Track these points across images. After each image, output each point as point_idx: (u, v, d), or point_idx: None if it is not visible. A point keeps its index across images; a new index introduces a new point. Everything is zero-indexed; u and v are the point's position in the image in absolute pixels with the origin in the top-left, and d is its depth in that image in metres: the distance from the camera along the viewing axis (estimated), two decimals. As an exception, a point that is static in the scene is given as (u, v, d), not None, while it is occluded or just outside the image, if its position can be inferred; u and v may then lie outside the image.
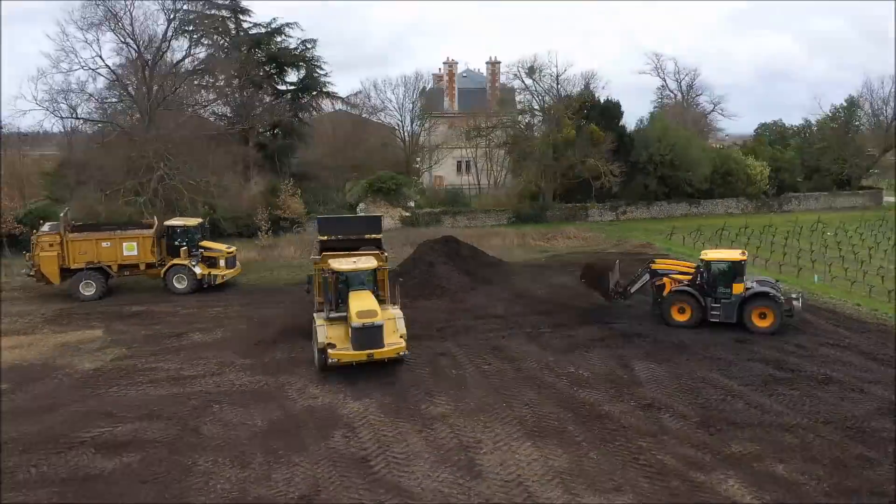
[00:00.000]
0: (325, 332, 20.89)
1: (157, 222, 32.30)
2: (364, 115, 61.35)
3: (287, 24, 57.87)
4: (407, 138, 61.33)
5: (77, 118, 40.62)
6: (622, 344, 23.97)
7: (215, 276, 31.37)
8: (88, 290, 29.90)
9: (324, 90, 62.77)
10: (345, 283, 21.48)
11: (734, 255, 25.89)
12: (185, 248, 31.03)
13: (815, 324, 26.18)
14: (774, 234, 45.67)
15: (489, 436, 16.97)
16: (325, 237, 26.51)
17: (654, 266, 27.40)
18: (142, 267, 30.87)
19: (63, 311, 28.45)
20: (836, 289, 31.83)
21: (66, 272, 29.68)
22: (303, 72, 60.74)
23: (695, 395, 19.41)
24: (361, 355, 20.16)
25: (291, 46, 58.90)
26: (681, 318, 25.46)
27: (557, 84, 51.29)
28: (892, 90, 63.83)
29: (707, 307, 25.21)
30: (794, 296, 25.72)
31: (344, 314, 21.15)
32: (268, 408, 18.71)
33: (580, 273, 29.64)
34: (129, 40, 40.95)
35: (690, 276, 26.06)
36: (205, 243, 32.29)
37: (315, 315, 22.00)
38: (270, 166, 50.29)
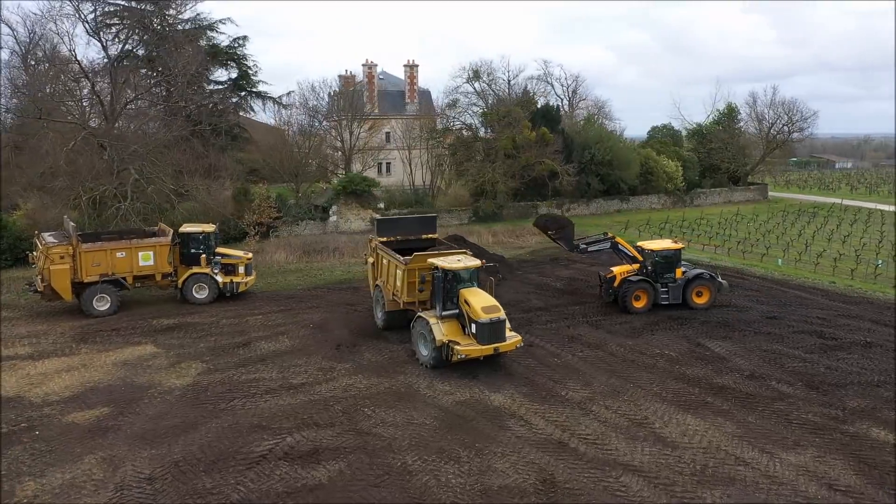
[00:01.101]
0: (440, 329, 21.16)
1: (161, 228, 30.14)
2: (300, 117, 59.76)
3: (220, 21, 55.28)
4: (344, 141, 60.61)
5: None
6: (676, 326, 26.23)
7: (237, 283, 29.87)
8: (103, 304, 27.33)
9: (254, 90, 60.73)
10: (452, 282, 21.77)
11: (672, 244, 28.94)
12: (203, 255, 29.24)
13: (814, 300, 30.14)
14: (710, 224, 50.87)
15: (649, 412, 18.31)
16: (385, 238, 26.53)
17: (616, 238, 29.57)
18: (158, 277, 28.69)
19: (85, 328, 25.84)
20: (802, 270, 36.50)
21: (76, 286, 26.94)
22: (234, 71, 58.36)
23: (779, 365, 21.97)
24: (489, 349, 20.70)
25: (224, 44, 56.34)
26: (638, 304, 27.77)
27: (509, 87, 53.37)
28: (772, 100, 72.70)
29: (658, 292, 28.10)
30: (719, 277, 29.12)
31: (454, 311, 21.51)
32: (417, 406, 18.73)
33: (543, 225, 30.70)
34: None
35: (637, 267, 28.50)
36: (221, 250, 30.58)
37: (422, 314, 22.08)
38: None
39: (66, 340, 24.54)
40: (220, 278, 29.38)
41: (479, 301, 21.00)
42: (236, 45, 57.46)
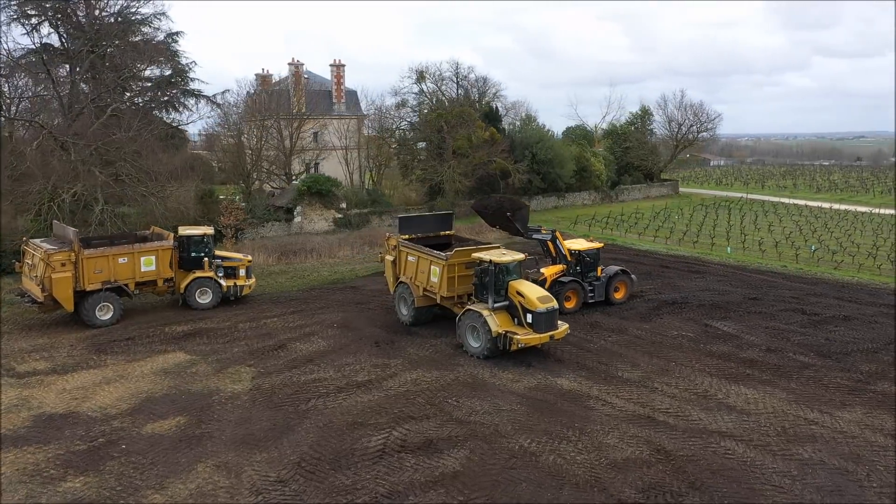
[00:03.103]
0: (494, 321, 21.94)
1: (156, 232, 28.70)
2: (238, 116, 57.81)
3: (155, 15, 52.28)
4: (287, 142, 59.37)
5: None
6: (676, 310, 28.45)
7: (241, 287, 29.00)
8: (105, 313, 25.69)
9: (187, 88, 57.90)
10: (500, 275, 22.55)
11: (593, 244, 29.78)
12: (207, 259, 28.18)
13: (778, 282, 33.59)
14: (646, 218, 54.57)
15: (704, 386, 20.07)
16: (407, 236, 26.89)
17: (556, 234, 29.65)
18: (160, 283, 27.32)
19: (94, 339, 24.18)
20: (750, 256, 40.31)
21: (78, 295, 25.20)
22: (168, 68, 55.34)
23: (785, 339, 24.58)
24: (545, 337, 21.75)
25: (158, 39, 53.34)
26: (569, 305, 27.77)
27: (458, 87, 54.45)
28: (681, 102, 78.59)
29: (586, 291, 28.59)
30: (629, 272, 30.60)
31: (505, 303, 22.36)
32: (494, 394, 19.41)
33: (498, 205, 29.33)
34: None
35: (563, 268, 28.74)
36: (221, 252, 29.50)
37: (471, 307, 22.72)
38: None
39: (82, 352, 22.97)
40: (223, 282, 28.41)
41: (534, 292, 22.00)
42: (170, 40, 54.66)
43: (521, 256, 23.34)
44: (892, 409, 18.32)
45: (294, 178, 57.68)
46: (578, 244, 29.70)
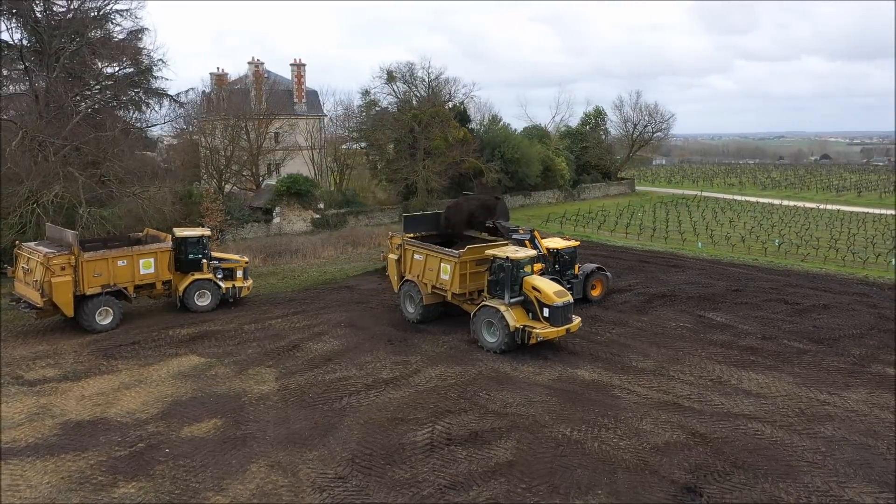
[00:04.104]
0: (512, 316, 22.47)
1: (152, 233, 28.03)
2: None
3: (118, 12, 50.52)
4: (252, 141, 58.43)
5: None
6: (668, 303, 29.63)
7: (240, 288, 28.61)
8: (105, 318, 24.94)
9: (149, 87, 56.18)
10: (516, 271, 23.07)
11: (570, 242, 30.00)
12: (205, 260, 27.68)
13: (754, 274, 35.32)
14: (613, 215, 56.20)
15: (717, 373, 21.11)
16: (412, 234, 27.13)
17: (535, 233, 29.79)
18: (159, 286, 26.69)
19: (97, 344, 23.36)
20: (721, 250, 42.14)
21: (77, 300, 24.40)
22: (129, 66, 53.56)
23: (775, 327, 26.00)
24: (562, 331, 22.40)
25: (120, 37, 51.59)
26: None
27: (430, 88, 54.72)
28: (636, 103, 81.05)
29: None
30: (605, 270, 30.98)
31: (520, 298, 22.91)
32: (521, 386, 19.91)
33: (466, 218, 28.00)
34: None
35: (541, 267, 28.08)
36: (217, 254, 29.00)
37: (487, 303, 23.16)
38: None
39: (89, 358, 22.27)
40: (222, 284, 27.99)
41: (550, 287, 22.63)
42: (131, 38, 52.95)
43: (533, 252, 23.93)
44: (891, 389, 19.73)
45: (261, 178, 56.91)
46: (556, 243, 30.07)
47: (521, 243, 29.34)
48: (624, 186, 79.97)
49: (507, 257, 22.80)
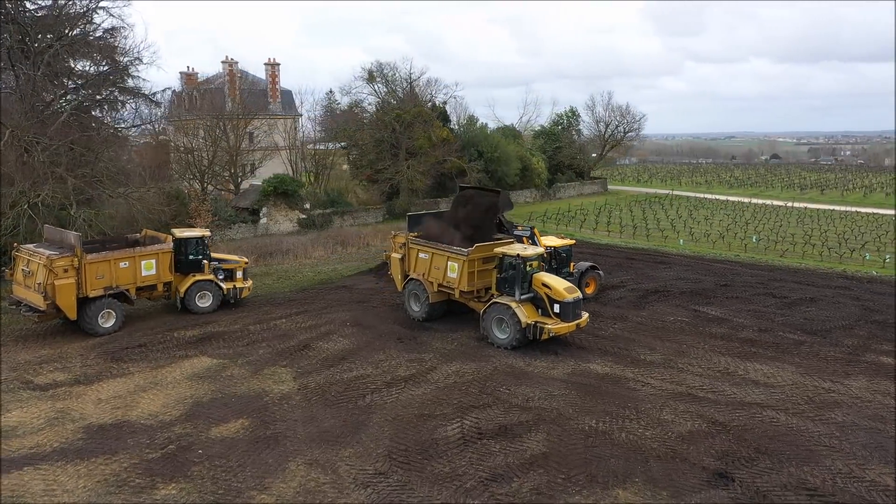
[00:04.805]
0: (523, 312, 22.88)
1: (150, 234, 27.62)
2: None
3: (104, 8, 49.31)
4: (231, 141, 57.75)
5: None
6: (662, 298, 30.45)
7: (240, 289, 28.39)
8: (108, 320, 24.52)
9: (124, 86, 54.96)
10: (524, 268, 23.48)
11: (565, 241, 30.54)
12: (206, 261, 27.41)
13: (738, 269, 36.47)
14: (592, 214, 57.20)
15: (723, 364, 21.86)
16: (415, 234, 27.32)
17: (534, 230, 30.48)
18: (160, 287, 26.33)
19: (102, 347, 22.94)
20: (702, 247, 43.34)
21: (79, 302, 23.92)
22: (105, 65, 52.31)
23: (768, 319, 26.98)
24: (572, 326, 22.89)
25: (97, 35, 50.39)
26: None
27: (411, 87, 54.84)
28: (608, 103, 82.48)
29: None
30: (597, 268, 32.02)
31: (530, 294, 23.33)
32: (539, 381, 20.32)
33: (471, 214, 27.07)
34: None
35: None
36: (217, 255, 28.71)
37: (498, 300, 23.51)
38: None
39: (98, 361, 21.89)
40: (223, 285, 27.75)
41: (560, 283, 23.10)
42: (107, 36, 51.77)
43: (540, 250, 24.38)
44: (889, 377, 20.75)
45: (240, 179, 56.28)
46: (552, 241, 30.56)
47: (520, 240, 29.95)
48: (597, 186, 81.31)
49: (518, 255, 23.19)
